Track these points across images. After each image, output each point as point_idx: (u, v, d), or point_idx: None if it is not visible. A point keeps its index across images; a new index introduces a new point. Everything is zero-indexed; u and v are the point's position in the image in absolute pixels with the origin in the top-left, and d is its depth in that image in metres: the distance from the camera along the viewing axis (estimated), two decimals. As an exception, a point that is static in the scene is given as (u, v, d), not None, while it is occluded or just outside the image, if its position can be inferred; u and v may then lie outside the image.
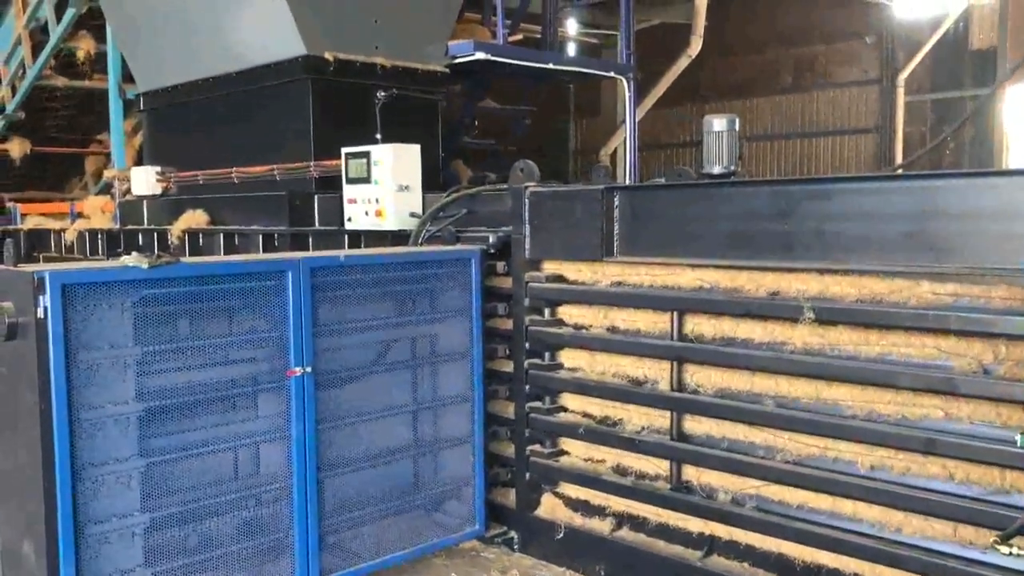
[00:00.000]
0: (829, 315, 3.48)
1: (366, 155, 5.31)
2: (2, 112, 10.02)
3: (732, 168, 4.36)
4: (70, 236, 8.20)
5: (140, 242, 7.26)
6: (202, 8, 6.59)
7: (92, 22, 8.94)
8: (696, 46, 11.80)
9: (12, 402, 3.38)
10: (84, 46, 9.39)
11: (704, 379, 3.93)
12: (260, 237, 6.12)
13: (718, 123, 4.38)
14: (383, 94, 6.05)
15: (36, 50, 9.40)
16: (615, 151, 13.30)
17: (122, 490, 3.38)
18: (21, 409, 3.30)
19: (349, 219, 5.44)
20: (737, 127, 4.41)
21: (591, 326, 4.39)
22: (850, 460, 3.49)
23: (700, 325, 3.93)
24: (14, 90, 9.82)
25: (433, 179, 5.92)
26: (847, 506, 3.52)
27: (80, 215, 8.48)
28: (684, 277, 3.97)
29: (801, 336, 3.60)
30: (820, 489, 3.58)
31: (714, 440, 3.93)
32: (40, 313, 3.14)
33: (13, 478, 3.44)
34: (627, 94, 8.84)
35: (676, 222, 4.07)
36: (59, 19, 8.91)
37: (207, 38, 6.69)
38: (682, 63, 12.13)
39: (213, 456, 3.66)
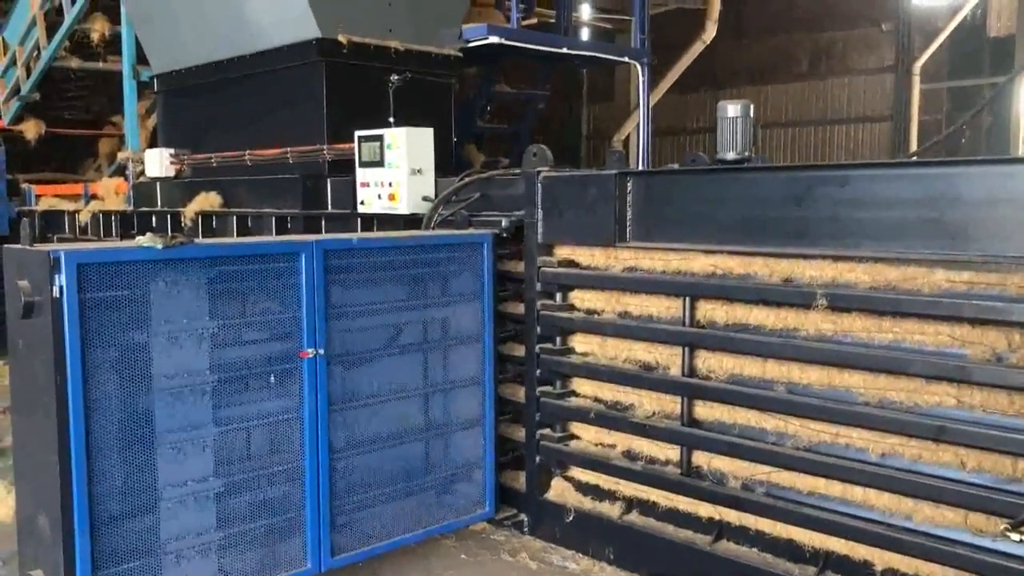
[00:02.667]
0: (842, 302, 3.47)
1: (379, 138, 5.31)
2: (17, 93, 10.05)
3: (747, 154, 4.34)
4: (84, 217, 8.25)
5: (153, 224, 7.30)
6: (216, -10, 6.59)
7: (107, 3, 8.95)
8: (711, 31, 11.75)
9: (29, 378, 3.42)
10: (98, 27, 9.40)
11: (716, 365, 3.93)
12: (273, 220, 6.15)
13: (732, 109, 4.35)
14: (396, 77, 6.05)
15: (51, 31, 9.42)
16: (628, 136, 13.26)
17: (145, 460, 3.42)
18: (38, 385, 3.33)
19: (362, 202, 5.44)
20: (752, 113, 4.39)
21: (603, 311, 4.39)
22: (861, 447, 3.49)
23: (713, 311, 3.93)
24: (29, 71, 9.85)
25: (446, 163, 5.92)
26: (858, 493, 3.52)
27: (94, 196, 8.52)
28: (697, 263, 3.96)
29: (814, 322, 3.59)
30: (831, 476, 3.58)
31: (725, 426, 3.93)
32: (55, 292, 3.17)
33: (31, 452, 3.48)
34: (641, 79, 8.81)
35: (690, 208, 4.06)
36: (74, 1, 8.92)
37: (221, 20, 6.69)
38: (697, 48, 12.08)
39: (226, 437, 3.68)
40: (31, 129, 10.19)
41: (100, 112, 10.99)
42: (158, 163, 7.35)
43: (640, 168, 8.08)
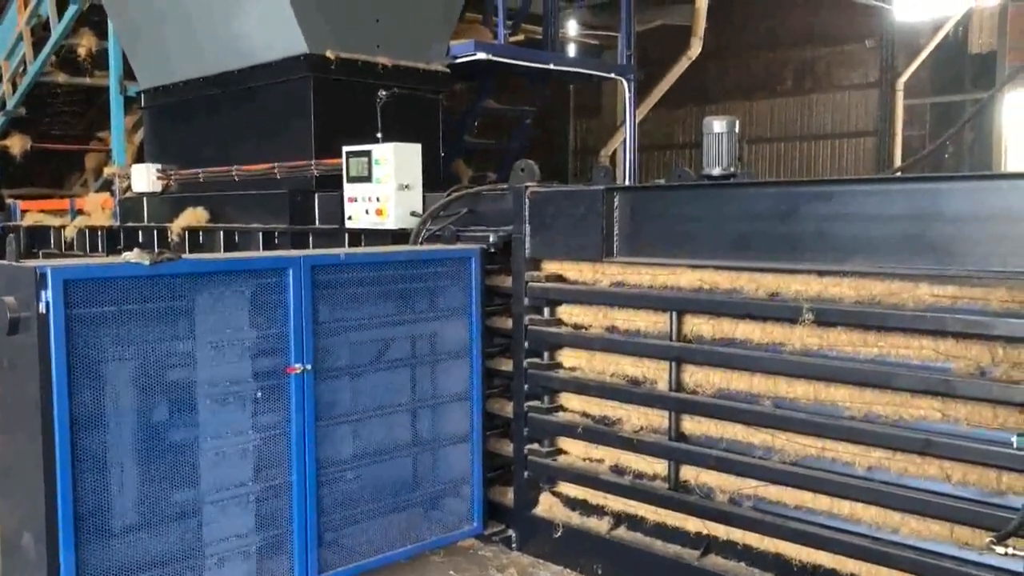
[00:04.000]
0: (828, 316, 3.50)
1: (367, 154, 5.32)
2: (3, 108, 10.02)
3: (732, 170, 4.38)
4: (70, 233, 8.20)
5: (140, 239, 7.27)
6: (204, 5, 6.60)
7: (93, 19, 8.94)
8: (696, 48, 11.83)
9: (14, 394, 3.39)
10: (85, 43, 9.39)
11: (703, 379, 3.95)
12: (260, 235, 6.13)
13: (718, 125, 4.39)
14: (384, 93, 6.06)
15: (37, 47, 9.41)
16: (615, 151, 13.33)
17: (132, 476, 3.40)
18: (23, 402, 3.31)
19: (350, 218, 5.45)
20: (737, 129, 4.43)
21: (590, 326, 4.40)
22: (848, 461, 3.51)
23: (700, 326, 3.95)
24: (15, 86, 9.82)
25: (434, 178, 5.93)
26: (845, 507, 3.54)
27: (80, 212, 8.48)
28: (684, 278, 3.98)
29: (800, 337, 3.61)
30: (818, 489, 3.60)
31: (712, 440, 3.95)
32: (42, 308, 3.16)
33: (16, 469, 3.46)
34: (627, 95, 8.87)
35: (676, 223, 4.08)
36: (60, 16, 8.92)
37: (209, 35, 6.70)
38: (682, 65, 12.16)
39: (210, 455, 3.66)
40: (16, 144, 10.16)
41: (86, 127, 10.97)
42: (145, 178, 7.32)
43: (627, 183, 8.13)
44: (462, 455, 4.59)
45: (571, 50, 14.75)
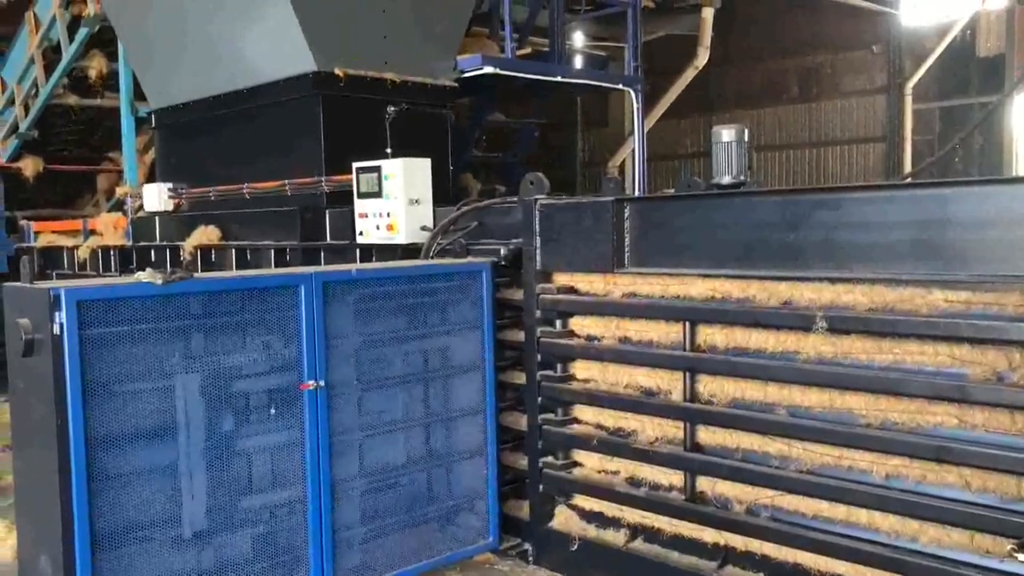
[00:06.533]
0: (841, 324, 3.48)
1: (377, 170, 5.34)
2: (15, 131, 10.10)
3: (742, 178, 4.38)
4: (83, 253, 8.25)
5: (153, 258, 7.31)
6: (213, 26, 6.65)
7: (104, 41, 9.01)
8: (703, 57, 11.85)
9: (30, 415, 3.41)
10: (96, 65, 9.47)
11: (717, 389, 3.93)
12: (272, 252, 6.16)
13: (727, 134, 4.40)
14: (393, 109, 6.10)
15: (49, 69, 9.49)
16: (623, 162, 13.34)
17: (149, 497, 3.40)
18: (39, 422, 3.32)
19: (361, 233, 5.46)
20: (746, 138, 4.43)
21: (603, 337, 4.39)
22: (864, 469, 3.48)
23: (713, 335, 3.93)
24: (27, 109, 9.91)
25: (443, 192, 5.95)
26: (862, 515, 3.51)
27: (93, 232, 8.53)
28: (696, 287, 3.97)
29: (813, 345, 3.59)
30: (835, 498, 3.57)
31: (728, 450, 3.93)
32: (56, 329, 3.18)
33: (33, 491, 3.47)
34: (635, 106, 8.88)
35: (687, 233, 4.08)
36: (72, 39, 9.00)
37: (218, 55, 6.75)
38: (689, 74, 12.19)
39: (227, 471, 3.66)
40: (29, 167, 10.22)
41: (97, 148, 11.04)
42: (157, 198, 7.39)
43: (637, 194, 8.12)
44: (476, 469, 4.58)
45: (577, 61, 14.79)
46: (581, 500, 4.55)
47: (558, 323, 4.55)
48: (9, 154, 10.27)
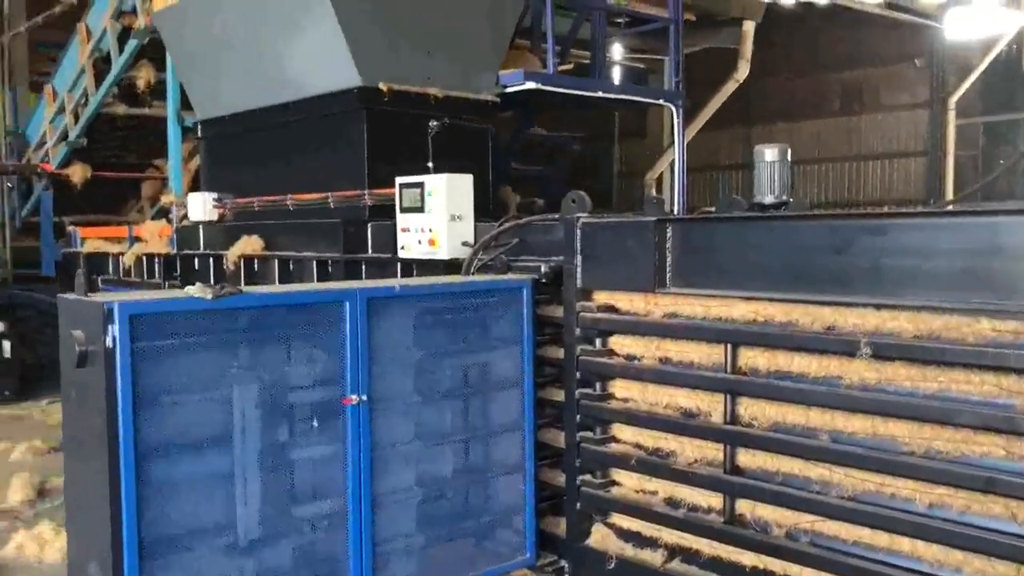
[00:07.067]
0: (886, 350, 3.45)
1: (420, 185, 5.39)
2: (65, 139, 10.34)
3: (784, 197, 4.36)
4: (128, 260, 8.41)
5: (196, 267, 7.44)
6: (260, 40, 6.77)
7: (153, 53, 9.21)
8: (744, 70, 11.81)
9: (82, 426, 3.49)
10: (144, 75, 9.69)
11: (758, 412, 3.91)
12: (314, 263, 6.23)
13: (770, 153, 4.38)
14: (435, 124, 6.15)
15: (99, 79, 9.71)
16: (661, 175, 13.30)
17: (194, 507, 3.47)
18: (90, 433, 3.40)
19: (403, 247, 5.52)
20: (789, 157, 4.41)
21: (643, 357, 4.39)
22: (908, 497, 3.45)
23: (754, 358, 3.92)
24: (76, 117, 10.14)
25: (484, 207, 5.98)
26: (905, 544, 3.48)
27: (138, 239, 8.70)
28: (738, 310, 3.96)
29: (857, 371, 3.57)
30: (877, 526, 3.54)
31: (768, 474, 3.91)
32: (108, 342, 3.25)
33: (83, 499, 3.55)
34: (676, 121, 8.86)
35: (729, 254, 4.07)
36: (121, 50, 9.20)
37: (264, 68, 6.86)
38: (729, 87, 12.15)
39: (270, 483, 3.72)
40: (77, 173, 10.47)
41: (143, 155, 11.26)
42: (201, 207, 7.51)
43: (678, 214, 8.10)
44: (514, 485, 4.60)
45: (616, 74, 14.78)
46: (618, 519, 4.55)
47: (598, 341, 4.56)
48: (58, 161, 10.52)
